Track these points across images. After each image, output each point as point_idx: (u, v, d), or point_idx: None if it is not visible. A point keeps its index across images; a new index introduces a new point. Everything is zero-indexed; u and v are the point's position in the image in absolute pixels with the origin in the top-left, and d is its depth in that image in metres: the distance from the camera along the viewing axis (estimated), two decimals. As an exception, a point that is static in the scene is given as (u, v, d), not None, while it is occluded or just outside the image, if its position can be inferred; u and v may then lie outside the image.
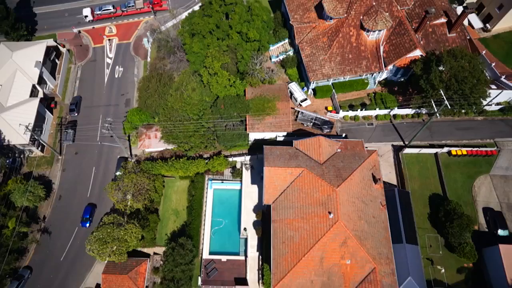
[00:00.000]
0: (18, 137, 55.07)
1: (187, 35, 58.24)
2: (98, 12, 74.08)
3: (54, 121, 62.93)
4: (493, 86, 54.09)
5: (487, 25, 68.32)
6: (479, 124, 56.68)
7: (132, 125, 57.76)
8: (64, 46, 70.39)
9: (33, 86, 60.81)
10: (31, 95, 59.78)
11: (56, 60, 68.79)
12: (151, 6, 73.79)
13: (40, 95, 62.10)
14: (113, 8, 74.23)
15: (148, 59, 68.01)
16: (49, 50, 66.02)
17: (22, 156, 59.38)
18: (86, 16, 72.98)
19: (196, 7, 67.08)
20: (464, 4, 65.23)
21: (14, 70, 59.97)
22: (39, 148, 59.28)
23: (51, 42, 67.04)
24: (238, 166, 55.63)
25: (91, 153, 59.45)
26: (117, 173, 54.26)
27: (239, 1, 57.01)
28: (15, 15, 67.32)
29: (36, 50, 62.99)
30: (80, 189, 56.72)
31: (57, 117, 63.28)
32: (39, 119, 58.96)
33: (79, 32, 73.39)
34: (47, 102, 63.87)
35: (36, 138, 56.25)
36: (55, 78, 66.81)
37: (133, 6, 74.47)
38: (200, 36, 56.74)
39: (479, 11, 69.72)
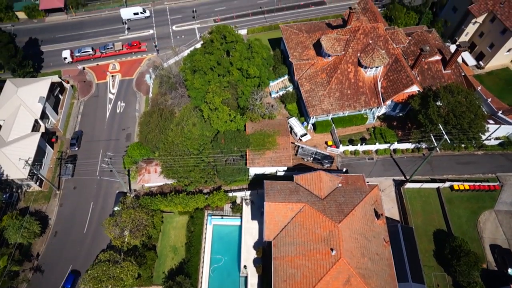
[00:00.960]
0: (17, 171, 54.73)
1: (188, 71, 59.66)
2: (77, 54, 76.03)
3: (54, 156, 62.86)
4: (491, 121, 54.69)
5: (480, 62, 70.43)
6: (480, 159, 56.65)
7: (132, 160, 57.65)
8: (68, 82, 71.93)
9: (36, 121, 61.38)
10: (33, 130, 60.15)
11: (60, 96, 70.01)
12: (136, 47, 76.75)
13: (42, 129, 62.52)
14: (92, 50, 76.41)
15: (150, 95, 69.22)
16: (53, 86, 67.37)
17: (19, 191, 58.70)
18: (65, 58, 75.01)
19: (198, 45, 69.29)
20: (457, 43, 67.30)
21: (18, 105, 60.82)
22: (37, 183, 58.74)
23: (55, 79, 68.51)
24: (238, 201, 54.87)
25: (90, 187, 58.85)
26: (115, 208, 53.35)
27: (240, 39, 58.99)
28: (23, 53, 69.41)
29: (40, 86, 64.26)
30: (77, 225, 55.51)
31: (58, 152, 63.29)
32: (39, 154, 58.92)
33: (84, 68, 75.35)
34: (48, 137, 64.17)
35: (35, 172, 55.92)
36: (57, 113, 67.63)
37: (111, 48, 76.69)
38: (201, 73, 58.10)
39: (472, 49, 72.18)
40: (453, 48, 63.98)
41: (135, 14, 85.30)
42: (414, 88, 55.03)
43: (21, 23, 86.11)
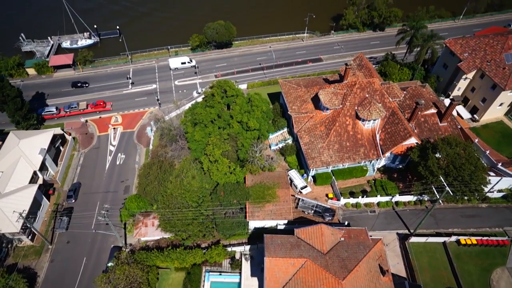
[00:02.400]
0: (10, 225, 53.14)
1: (189, 124, 60.70)
2: (42, 113, 77.26)
3: (50, 208, 61.55)
4: (492, 173, 54.50)
5: (475, 115, 72.08)
6: (484, 212, 55.54)
7: (130, 212, 56.38)
8: (70, 134, 72.85)
9: (34, 172, 61.07)
10: (30, 181, 59.60)
11: (61, 147, 70.44)
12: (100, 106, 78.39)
13: (40, 181, 62.00)
14: (56, 109, 77.92)
15: (150, 147, 69.74)
16: (55, 138, 68.08)
17: (9, 246, 56.50)
18: None
19: (199, 99, 71.40)
20: (451, 97, 69.44)
21: (19, 157, 60.92)
22: (29, 237, 56.75)
23: (58, 131, 69.47)
24: (237, 256, 52.69)
25: (84, 242, 56.78)
26: (109, 264, 50.95)
27: (240, 93, 60.86)
28: (29, 106, 71.19)
29: (42, 138, 64.93)
30: (67, 283, 52.59)
31: (54, 204, 62.09)
32: (35, 206, 57.70)
33: (86, 121, 76.79)
34: (46, 188, 63.38)
35: (28, 226, 54.29)
36: (57, 165, 67.53)
37: (75, 107, 78.34)
38: (202, 125, 59.08)
39: (465, 103, 74.29)
40: (447, 102, 65.96)
41: (182, 63, 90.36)
42: (412, 140, 55.64)
43: (30, 79, 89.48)
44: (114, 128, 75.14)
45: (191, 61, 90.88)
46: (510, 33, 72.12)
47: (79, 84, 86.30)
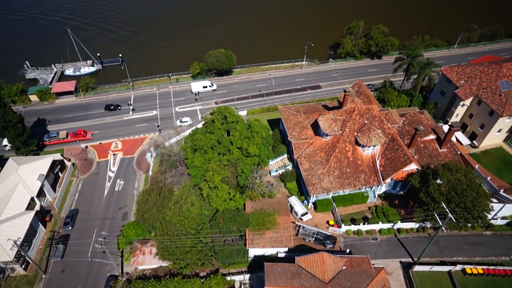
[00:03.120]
0: (3, 253, 51.82)
1: (189, 150, 60.72)
2: None
3: (46, 236, 60.36)
4: (494, 200, 53.98)
5: (474, 142, 72.30)
6: (489, 239, 54.50)
7: (127, 240, 55.25)
8: (69, 160, 72.69)
9: (32, 198, 60.39)
10: (27, 208, 58.79)
11: (60, 173, 70.08)
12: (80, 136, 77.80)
13: (37, 208, 61.15)
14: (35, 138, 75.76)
15: (150, 173, 69.40)
16: (54, 164, 67.88)
17: (1, 275, 54.90)
18: (5, 146, 75.06)
19: (199, 125, 71.83)
20: (449, 123, 70.00)
21: (17, 183, 60.44)
22: (23, 266, 55.25)
23: (57, 157, 69.38)
24: (236, 285, 51.16)
25: (79, 270, 55.22)
26: (104, 295, 49.41)
27: (240, 119, 61.32)
28: (29, 132, 71.46)
29: (41, 164, 64.72)
30: (60, 314, 50.80)
31: (50, 231, 60.94)
32: (30, 234, 56.59)
33: (86, 147, 76.85)
34: (42, 215, 62.42)
35: (23, 254, 53.00)
36: (55, 191, 66.91)
37: (55, 136, 77.85)
38: (202, 151, 59.08)
39: (464, 129, 74.70)
40: (446, 128, 66.37)
41: (204, 87, 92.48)
42: (413, 166, 55.48)
43: (32, 105, 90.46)
44: (114, 154, 75.09)
45: (212, 85, 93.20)
46: (503, 62, 73.77)
47: (112, 107, 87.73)
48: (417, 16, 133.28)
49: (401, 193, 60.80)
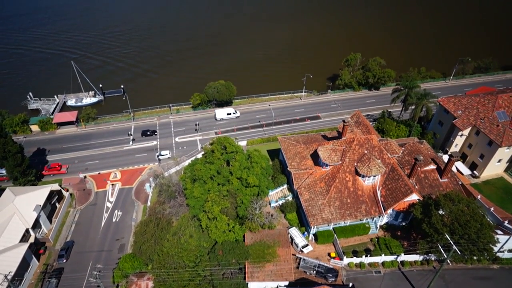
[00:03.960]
0: (-6, 288, 50.17)
1: (188, 180, 60.30)
2: None
3: (39, 269, 58.54)
4: (499, 232, 52.94)
5: (475, 172, 72.02)
6: (497, 274, 52.84)
7: (123, 273, 53.57)
8: (67, 190, 71.98)
9: (26, 230, 59.19)
10: (21, 240, 57.48)
11: (57, 204, 69.16)
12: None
13: (31, 240, 59.77)
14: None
15: (148, 204, 68.52)
16: (51, 194, 67.16)
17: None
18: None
19: (199, 155, 71.79)
20: (449, 153, 70.03)
21: (12, 214, 59.49)
22: (14, 301, 53.20)
23: (55, 187, 68.76)
24: (235, 323, 49.06)
25: (72, 306, 53.26)
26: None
27: (240, 149, 61.38)
28: (28, 162, 71.23)
29: (38, 195, 64.00)
30: None
31: (43, 264, 59.20)
32: (23, 267, 54.88)
33: (85, 177, 76.37)
34: (36, 247, 60.89)
35: (14, 288, 51.18)
36: (51, 222, 65.73)
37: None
38: (201, 182, 58.66)
39: (464, 159, 74.66)
40: (445, 158, 66.34)
41: (228, 114, 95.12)
42: (414, 197, 54.90)
43: (33, 135, 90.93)
44: (112, 184, 74.51)
45: (235, 112, 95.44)
46: (498, 93, 75.04)
47: (148, 133, 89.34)
48: (412, 49, 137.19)
49: (403, 224, 59.76)
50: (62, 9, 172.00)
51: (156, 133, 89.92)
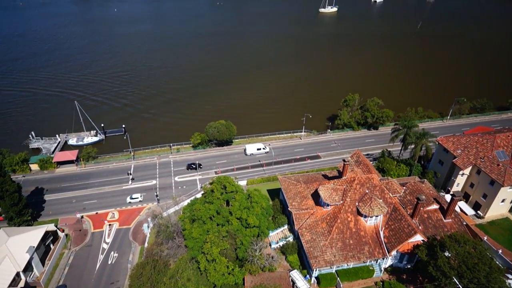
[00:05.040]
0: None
1: (187, 220, 59.18)
2: None
3: (28, 315, 55.79)
4: (510, 276, 50.97)
5: (479, 212, 70.84)
6: (508, 320, 50.14)
7: (115, 321, 50.93)
8: (63, 231, 70.34)
9: (17, 273, 57.01)
10: (11, 284, 55.16)
11: (51, 245, 67.25)
12: None
13: (21, 284, 57.37)
14: None
15: (146, 245, 66.64)
16: (46, 235, 65.52)
17: None
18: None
19: (199, 195, 71.01)
20: (451, 192, 69.27)
21: (4, 256, 57.66)
22: None
23: (51, 227, 67.31)
24: None
25: None
26: None
27: (240, 189, 60.84)
28: (25, 201, 70.31)
29: (33, 236, 62.45)
30: None
31: (33, 310, 56.49)
32: (12, 313, 52.39)
33: (82, 217, 74.96)
34: (27, 292, 58.40)
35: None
36: (44, 264, 63.49)
37: None
38: (200, 222, 57.53)
39: (467, 199, 73.73)
40: (448, 197, 65.56)
41: (258, 149, 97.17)
42: (418, 238, 53.49)
43: (32, 174, 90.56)
44: (109, 225, 72.97)
45: (265, 147, 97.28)
46: (496, 133, 75.78)
47: (193, 166, 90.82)
48: (409, 89, 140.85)
49: (409, 266, 57.70)
50: (67, 52, 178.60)
51: (201, 166, 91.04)
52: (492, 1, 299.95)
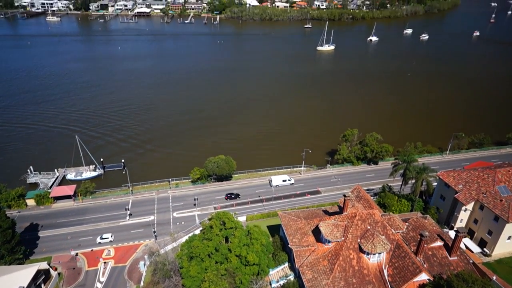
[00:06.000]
0: None
1: (185, 258, 57.43)
2: None
3: None
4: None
5: (485, 249, 68.95)
6: None
7: None
8: (56, 269, 67.87)
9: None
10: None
11: (42, 285, 64.57)
12: None
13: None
14: None
15: (141, 284, 64.14)
16: (38, 274, 63.06)
17: None
18: None
19: (197, 231, 69.38)
20: (455, 228, 67.89)
21: (-8, 296, 55.34)
22: None
23: (43, 265, 65.06)
24: None
25: None
26: None
27: (239, 225, 59.60)
28: (19, 238, 68.39)
29: (23, 275, 60.05)
30: None
31: None
32: None
33: (76, 254, 72.66)
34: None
35: None
36: (33, 306, 60.71)
37: None
38: (198, 259, 55.79)
39: (472, 236, 72.01)
40: (452, 233, 64.07)
41: (283, 181, 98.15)
42: (424, 276, 51.58)
43: (27, 210, 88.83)
44: (104, 262, 70.61)
45: (290, 179, 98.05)
46: (496, 167, 75.55)
47: (233, 196, 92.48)
48: (407, 125, 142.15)
49: (416, 308, 55.13)
50: (69, 87, 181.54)
51: (239, 197, 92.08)
52: (484, 42, 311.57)
